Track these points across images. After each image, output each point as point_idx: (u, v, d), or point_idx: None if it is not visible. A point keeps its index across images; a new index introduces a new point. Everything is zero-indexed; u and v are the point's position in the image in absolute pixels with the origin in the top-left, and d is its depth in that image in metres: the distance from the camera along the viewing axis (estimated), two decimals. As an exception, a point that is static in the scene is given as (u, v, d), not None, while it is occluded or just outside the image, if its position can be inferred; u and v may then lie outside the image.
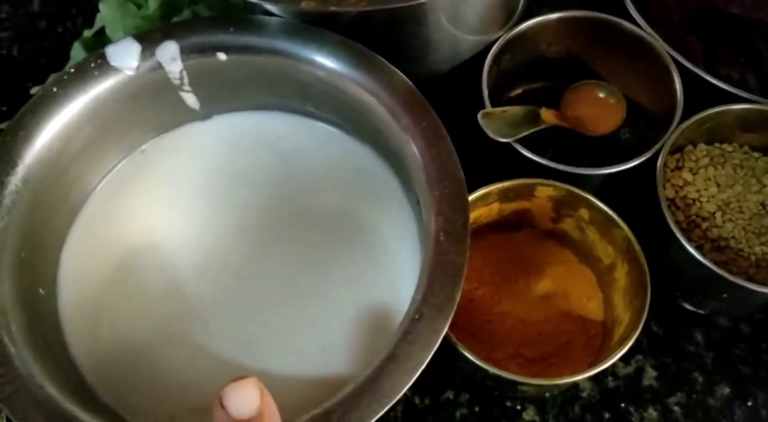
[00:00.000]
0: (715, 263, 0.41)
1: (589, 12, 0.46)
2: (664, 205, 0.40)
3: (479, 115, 0.41)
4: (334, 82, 0.39)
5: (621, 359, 0.43)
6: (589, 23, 0.46)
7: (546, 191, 0.42)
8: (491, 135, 0.41)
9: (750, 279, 0.41)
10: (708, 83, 0.44)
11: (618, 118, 0.49)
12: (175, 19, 0.43)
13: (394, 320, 0.37)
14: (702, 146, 0.46)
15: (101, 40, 0.46)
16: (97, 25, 0.47)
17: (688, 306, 0.44)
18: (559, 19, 0.46)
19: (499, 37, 0.45)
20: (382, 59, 0.38)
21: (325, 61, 0.39)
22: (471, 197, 0.41)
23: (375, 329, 0.39)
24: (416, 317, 0.33)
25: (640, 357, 0.44)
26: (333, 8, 0.39)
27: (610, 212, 0.40)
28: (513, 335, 0.43)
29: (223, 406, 0.24)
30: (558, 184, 0.41)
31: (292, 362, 0.38)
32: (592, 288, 0.45)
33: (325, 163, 0.44)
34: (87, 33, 0.48)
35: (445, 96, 0.44)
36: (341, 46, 0.38)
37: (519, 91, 0.52)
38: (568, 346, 0.42)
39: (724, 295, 0.41)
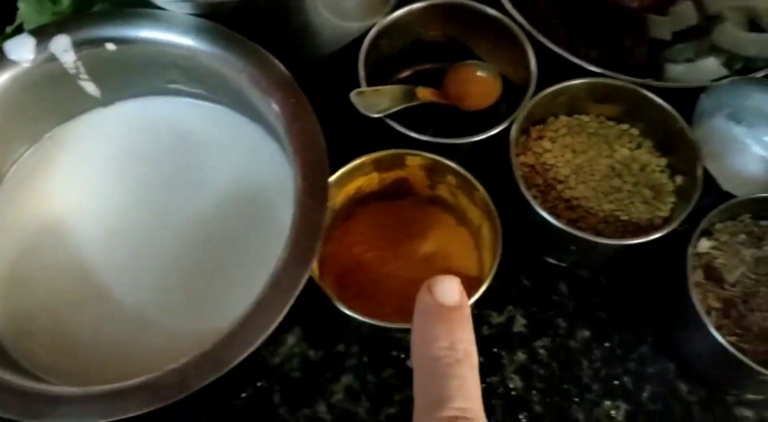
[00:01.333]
0: (568, 221, 0.46)
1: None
2: (516, 173, 0.45)
3: (352, 94, 0.46)
4: (213, 67, 0.43)
5: (495, 309, 0.48)
6: (455, 9, 0.51)
7: (415, 161, 0.46)
8: (362, 111, 0.45)
9: (599, 233, 0.46)
10: (566, 61, 0.49)
11: (494, 94, 0.54)
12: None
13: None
14: (563, 117, 0.51)
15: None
16: (17, 22, 0.51)
17: (551, 260, 0.49)
18: (426, 7, 0.51)
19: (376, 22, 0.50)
20: (255, 44, 0.43)
21: (204, 48, 0.43)
22: (348, 167, 0.45)
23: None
24: (282, 267, 0.37)
25: (511, 307, 0.49)
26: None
27: (469, 177, 0.45)
28: (398, 292, 0.48)
29: (431, 292, 0.28)
30: (425, 153, 0.46)
31: (189, 321, 0.43)
32: (469, 248, 0.49)
33: (218, 140, 0.48)
34: (8, 29, 0.51)
35: (330, 77, 0.49)
36: (217, 33, 0.43)
37: (407, 73, 0.57)
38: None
39: (573, 248, 0.46)
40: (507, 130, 0.46)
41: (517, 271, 0.50)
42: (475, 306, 0.47)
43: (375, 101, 0.47)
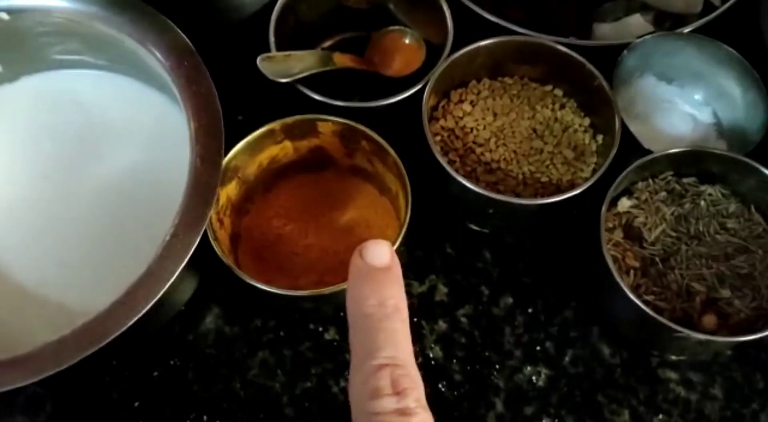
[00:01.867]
0: (487, 184, 0.45)
1: None
2: (429, 138, 0.44)
3: (258, 59, 0.44)
4: (110, 33, 0.42)
5: (416, 278, 0.47)
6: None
7: (327, 126, 0.45)
8: (269, 76, 0.44)
9: (518, 195, 0.45)
10: (491, 23, 0.48)
11: (419, 60, 0.52)
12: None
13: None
14: (486, 80, 0.49)
15: None
16: None
17: (474, 227, 0.48)
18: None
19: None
20: (151, 8, 0.41)
21: (99, 13, 0.41)
22: (255, 133, 0.44)
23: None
24: (172, 235, 0.36)
25: (433, 276, 0.47)
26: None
27: (381, 141, 0.44)
28: (317, 264, 0.47)
29: (361, 256, 0.31)
30: (335, 118, 0.44)
31: (89, 295, 0.41)
32: (390, 217, 0.48)
33: (123, 112, 0.46)
34: None
35: (245, 44, 0.47)
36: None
37: (331, 41, 0.55)
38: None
39: (491, 211, 0.45)
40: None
41: (440, 239, 0.49)
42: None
43: (285, 67, 0.45)
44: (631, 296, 0.39)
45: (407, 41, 0.53)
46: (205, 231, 0.39)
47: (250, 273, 0.46)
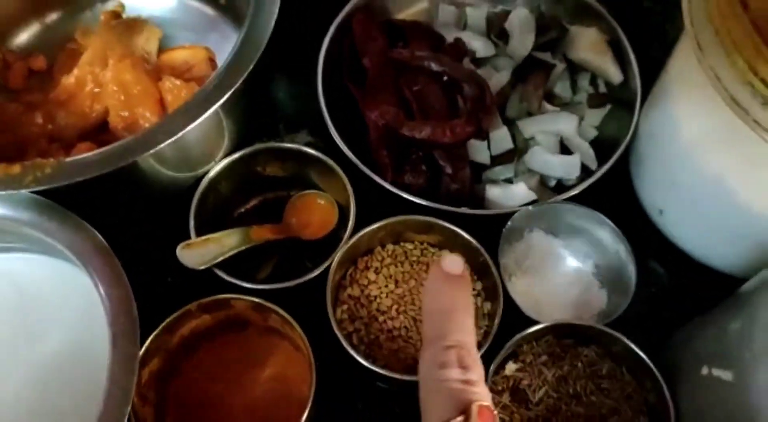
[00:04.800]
0: (389, 351, 0.50)
1: (270, 144, 0.55)
2: (332, 319, 0.48)
3: (178, 249, 0.49)
4: (37, 235, 0.46)
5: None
6: (283, 151, 0.55)
7: (240, 303, 0.49)
8: (188, 265, 0.49)
9: (417, 363, 0.50)
10: (391, 193, 0.53)
11: (333, 220, 0.57)
12: None
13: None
14: (389, 246, 0.55)
15: None
16: None
17: (381, 385, 0.53)
18: (259, 151, 0.55)
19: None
20: (72, 214, 0.46)
21: (25, 218, 0.46)
22: (174, 316, 0.48)
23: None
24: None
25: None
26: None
27: (288, 318, 0.48)
28: (242, 422, 0.51)
29: (439, 264, 0.37)
30: (247, 297, 0.49)
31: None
32: (306, 371, 0.52)
33: (54, 293, 0.50)
34: None
35: (167, 228, 0.52)
36: (36, 205, 0.46)
37: (254, 202, 0.60)
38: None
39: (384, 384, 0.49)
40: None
41: (352, 397, 0.53)
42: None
43: (204, 252, 0.50)
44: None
45: (322, 202, 0.58)
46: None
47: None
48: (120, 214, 0.51)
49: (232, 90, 0.47)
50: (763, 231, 0.47)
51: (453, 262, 0.38)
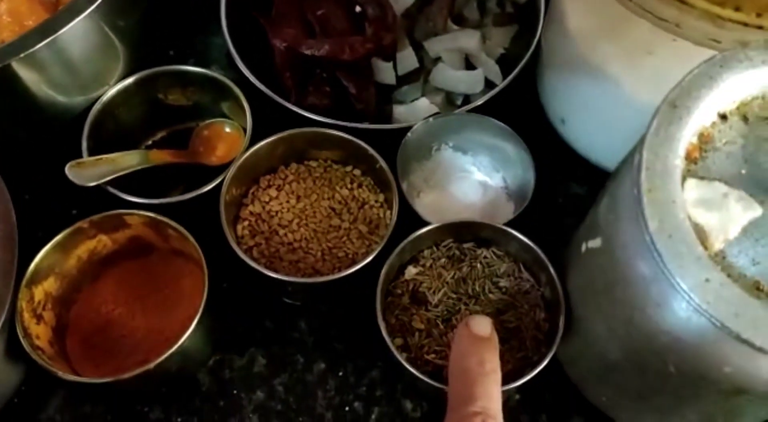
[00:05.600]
0: (290, 262, 0.50)
1: (166, 67, 0.54)
2: (225, 228, 0.48)
3: (67, 167, 0.48)
4: None
5: (237, 353, 0.51)
6: (180, 74, 0.55)
7: (135, 219, 0.49)
8: (77, 182, 0.48)
9: (317, 271, 0.50)
10: (295, 111, 0.53)
11: (239, 147, 0.57)
12: None
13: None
14: (293, 165, 0.54)
15: None
16: None
17: (287, 300, 0.53)
18: (155, 74, 0.54)
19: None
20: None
21: None
22: (64, 232, 0.48)
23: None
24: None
25: (253, 349, 0.51)
26: None
27: (183, 231, 0.48)
28: (143, 344, 0.50)
29: (467, 325, 0.38)
30: (139, 211, 0.48)
31: None
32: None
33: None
34: None
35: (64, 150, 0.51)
36: None
37: (163, 134, 0.60)
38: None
39: (290, 289, 0.49)
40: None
41: (259, 314, 0.53)
42: (219, 351, 0.50)
43: (95, 171, 0.49)
44: (400, 359, 0.44)
45: (228, 130, 0.58)
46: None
47: (79, 360, 0.49)
48: (10, 137, 0.50)
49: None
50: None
51: (480, 324, 0.38)
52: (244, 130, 0.56)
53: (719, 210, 0.32)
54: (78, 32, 0.46)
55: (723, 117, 0.34)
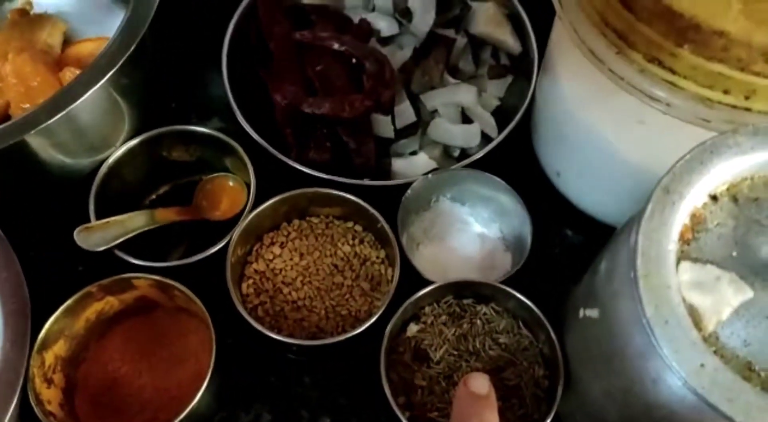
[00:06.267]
0: (294, 321, 0.51)
1: (170, 127, 0.55)
2: (233, 293, 0.49)
3: (75, 232, 0.49)
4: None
5: (243, 409, 0.52)
6: (183, 134, 0.56)
7: (142, 282, 0.50)
8: (86, 248, 0.49)
9: (321, 330, 0.51)
10: (298, 171, 0.54)
11: (241, 202, 0.58)
12: None
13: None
14: (295, 222, 0.56)
15: None
16: None
17: (292, 356, 0.54)
18: (160, 135, 0.55)
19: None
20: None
21: None
22: (74, 298, 0.49)
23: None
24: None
25: (258, 404, 0.52)
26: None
27: (189, 293, 0.49)
28: (151, 403, 0.51)
29: (466, 385, 0.39)
30: (147, 275, 0.49)
31: None
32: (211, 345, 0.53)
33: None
34: None
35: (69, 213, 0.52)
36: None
37: (165, 188, 0.61)
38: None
39: (295, 348, 0.50)
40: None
41: (265, 369, 0.54)
42: (225, 408, 0.50)
43: (103, 235, 0.51)
44: (400, 415, 0.45)
45: (231, 184, 0.59)
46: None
47: (89, 418, 0.50)
48: (19, 201, 0.51)
49: (118, 65, 0.48)
50: (644, 182, 0.49)
51: (478, 382, 0.39)
52: (247, 185, 0.58)
53: (712, 292, 0.33)
54: (88, 101, 0.47)
55: (714, 198, 0.36)
